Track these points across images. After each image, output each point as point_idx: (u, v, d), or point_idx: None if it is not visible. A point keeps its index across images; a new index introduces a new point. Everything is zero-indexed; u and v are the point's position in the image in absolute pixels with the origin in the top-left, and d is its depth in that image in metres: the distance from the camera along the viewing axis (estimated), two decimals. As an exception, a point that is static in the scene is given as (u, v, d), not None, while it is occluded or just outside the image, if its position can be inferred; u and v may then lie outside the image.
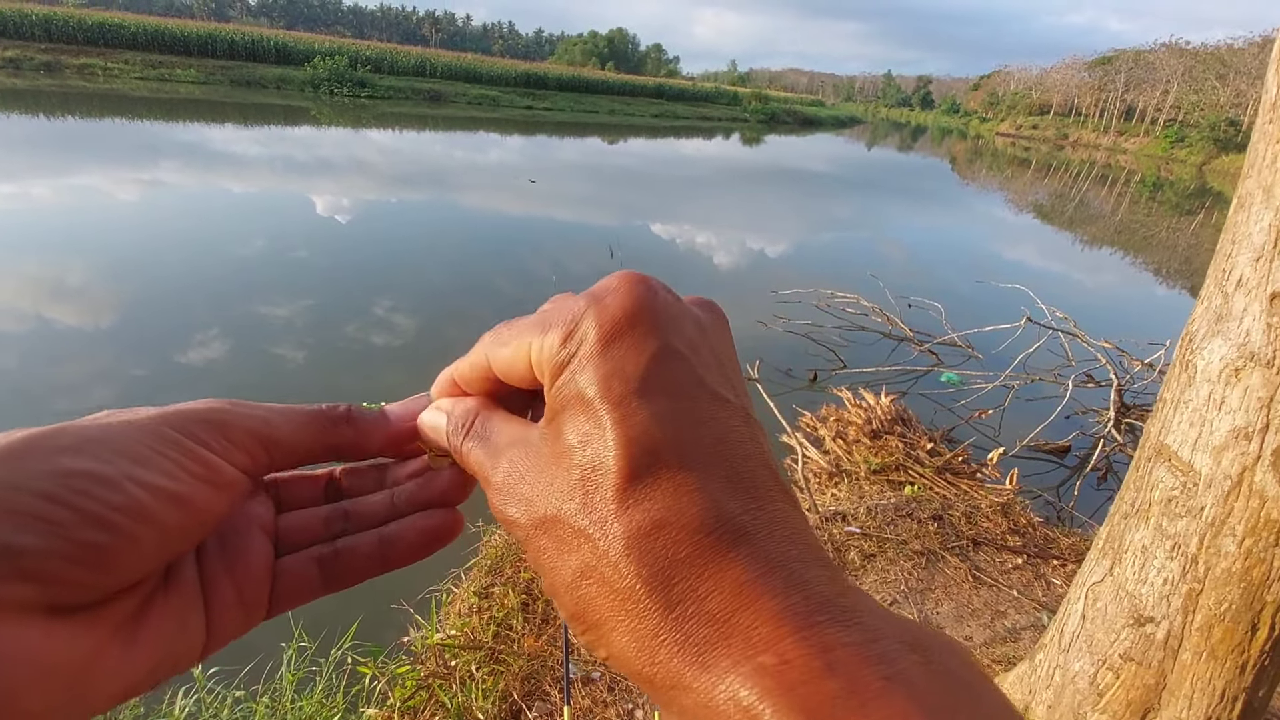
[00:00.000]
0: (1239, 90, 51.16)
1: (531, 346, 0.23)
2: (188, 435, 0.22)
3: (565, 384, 0.22)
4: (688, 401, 0.21)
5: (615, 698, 1.83)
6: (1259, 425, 1.04)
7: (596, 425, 0.21)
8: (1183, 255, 13.40)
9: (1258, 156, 1.08)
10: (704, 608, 0.19)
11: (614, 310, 0.22)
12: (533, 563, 0.22)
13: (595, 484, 0.20)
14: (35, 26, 26.46)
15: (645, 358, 0.21)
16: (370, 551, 0.28)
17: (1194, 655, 1.17)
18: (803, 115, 55.15)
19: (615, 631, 0.20)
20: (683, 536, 0.19)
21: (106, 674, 0.20)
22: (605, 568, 0.20)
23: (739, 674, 0.17)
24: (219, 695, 1.77)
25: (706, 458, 0.21)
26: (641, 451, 0.20)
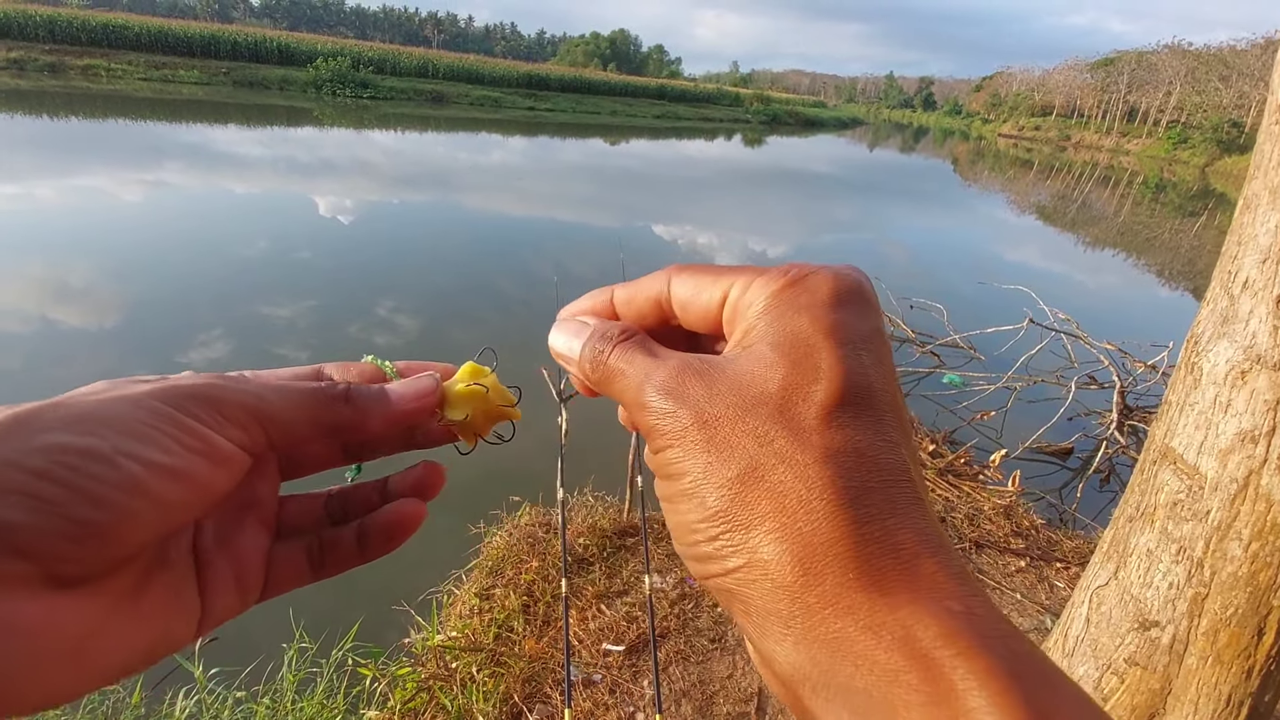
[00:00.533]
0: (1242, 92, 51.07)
1: (736, 286, 0.24)
2: (181, 410, 0.22)
3: (785, 319, 0.22)
4: (890, 375, 0.23)
5: (616, 700, 1.83)
6: (1266, 428, 1.03)
7: (816, 354, 0.21)
8: (1186, 257, 13.36)
9: (1264, 158, 1.07)
10: (890, 538, 0.19)
11: (850, 281, 0.24)
12: (674, 459, 0.22)
13: (802, 398, 0.21)
14: (39, 27, 26.55)
15: (868, 325, 0.23)
16: (349, 543, 0.29)
17: (1199, 660, 1.16)
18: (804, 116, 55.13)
19: (774, 534, 0.19)
20: (877, 470, 0.20)
21: (109, 645, 0.20)
22: (791, 469, 0.20)
23: (923, 608, 0.17)
24: (220, 696, 1.77)
25: (898, 424, 0.22)
26: (856, 389, 0.21)
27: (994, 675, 0.16)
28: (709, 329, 0.25)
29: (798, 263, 0.24)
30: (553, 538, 2.43)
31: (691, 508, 0.21)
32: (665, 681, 1.91)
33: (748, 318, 0.23)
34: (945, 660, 0.16)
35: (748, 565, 0.20)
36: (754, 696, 1.89)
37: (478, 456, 0.32)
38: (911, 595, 0.18)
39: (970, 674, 0.16)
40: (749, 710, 1.85)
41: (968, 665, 0.16)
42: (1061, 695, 0.16)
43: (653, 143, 27.73)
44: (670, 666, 1.96)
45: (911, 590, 0.18)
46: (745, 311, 0.23)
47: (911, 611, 0.17)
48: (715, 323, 0.25)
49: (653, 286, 0.26)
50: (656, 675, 1.50)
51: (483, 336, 5.16)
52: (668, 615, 2.15)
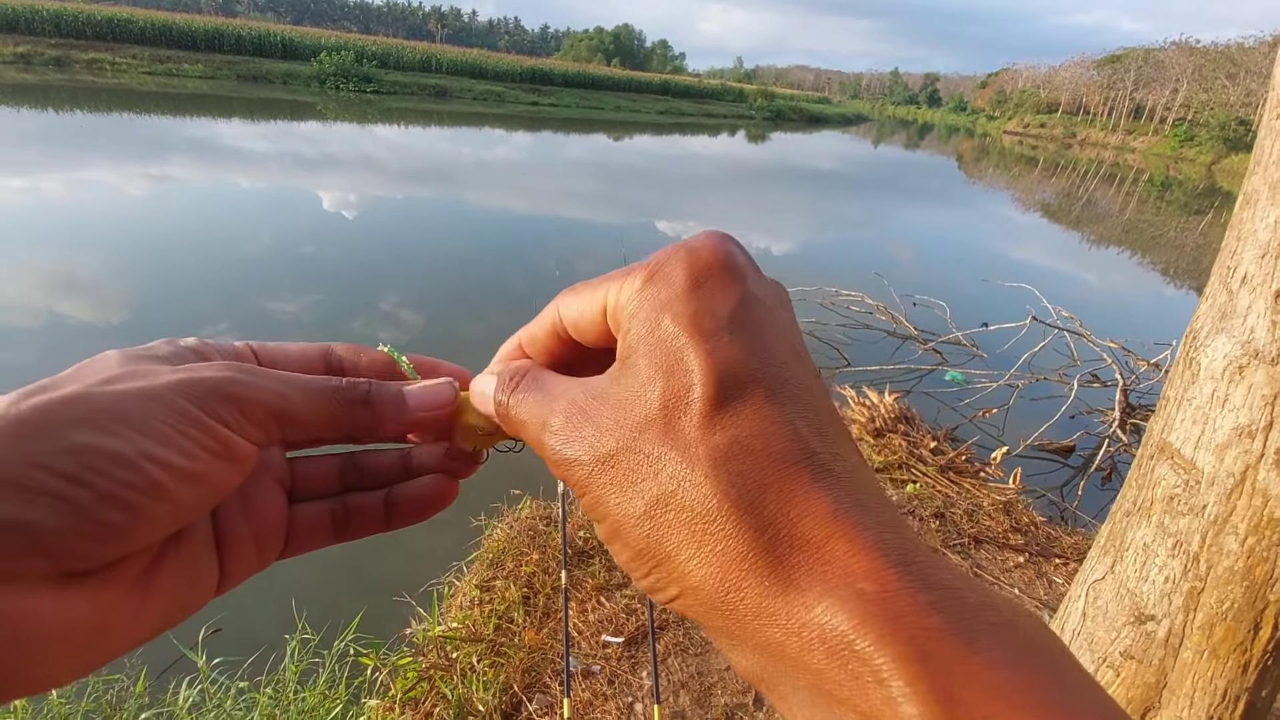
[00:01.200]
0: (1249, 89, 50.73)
1: (610, 292, 0.24)
2: (204, 409, 0.22)
3: (650, 321, 0.22)
4: (772, 344, 0.22)
5: (615, 691, 1.84)
6: (1262, 423, 1.03)
7: (683, 355, 0.21)
8: (1191, 255, 13.30)
9: (1264, 153, 1.07)
10: (795, 531, 0.18)
11: (705, 255, 0.22)
12: (592, 504, 0.22)
13: (680, 409, 0.20)
14: (45, 22, 26.58)
15: (734, 300, 0.22)
16: (376, 510, 0.29)
17: (1195, 654, 1.16)
18: (809, 113, 54.93)
19: (693, 560, 0.19)
20: (770, 462, 0.19)
21: (120, 630, 0.21)
22: (687, 491, 0.19)
23: (836, 599, 0.17)
24: (223, 686, 1.78)
25: (791, 397, 0.21)
26: (731, 379, 0.20)
27: (905, 661, 0.16)
28: (606, 342, 0.25)
29: (662, 250, 0.23)
30: (553, 530, 2.44)
31: (621, 548, 0.21)
32: (664, 673, 1.92)
33: (623, 325, 0.23)
34: (861, 652, 0.16)
35: (682, 593, 0.20)
36: (752, 688, 1.90)
37: None
38: (825, 586, 0.17)
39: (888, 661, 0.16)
40: (746, 701, 1.86)
41: (884, 653, 0.16)
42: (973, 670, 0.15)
43: (656, 139, 27.68)
44: (669, 658, 1.98)
45: (824, 581, 0.17)
46: (620, 318, 0.23)
47: (827, 605, 0.17)
48: (607, 335, 0.24)
49: (547, 317, 0.26)
50: (655, 666, 1.51)
51: (487, 332, 5.17)
52: (666, 608, 2.16)
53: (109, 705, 1.71)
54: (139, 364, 0.23)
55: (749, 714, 1.83)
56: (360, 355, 0.30)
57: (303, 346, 0.29)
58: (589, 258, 7.81)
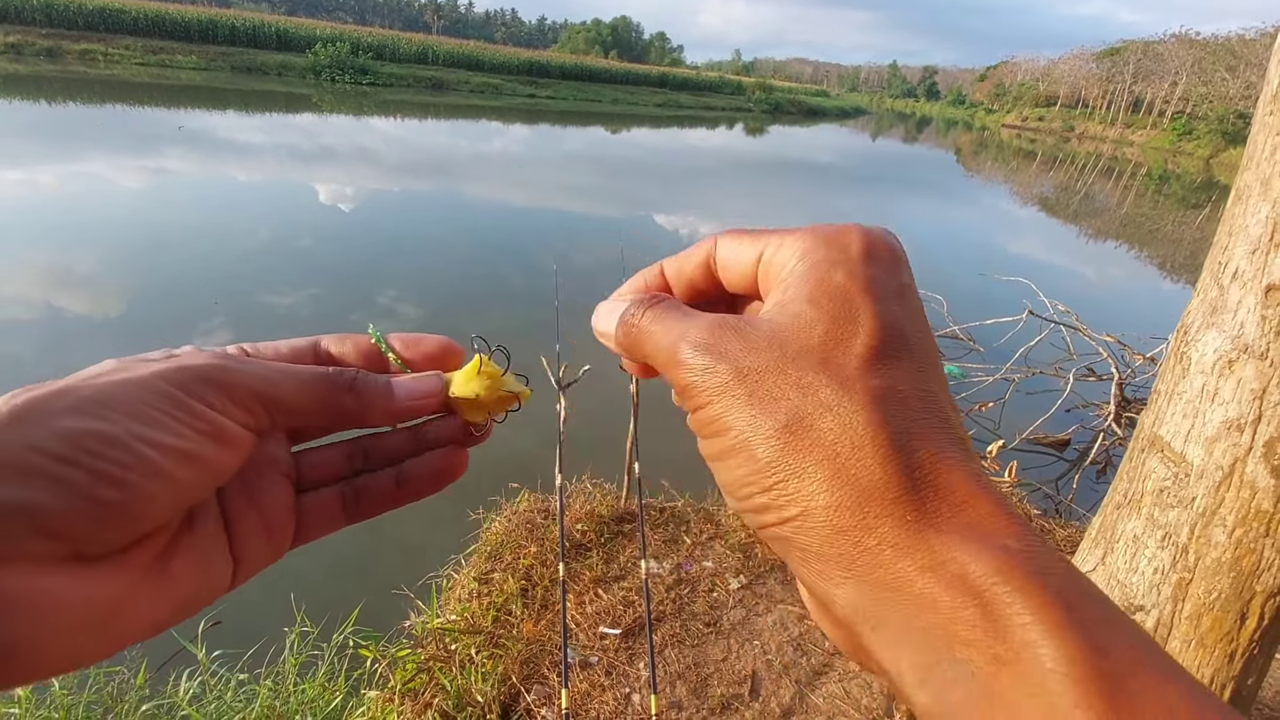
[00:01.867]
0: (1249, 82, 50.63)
1: (770, 245, 0.25)
2: (189, 393, 0.23)
3: (822, 273, 0.23)
4: (924, 327, 0.23)
5: (612, 682, 1.86)
6: (1251, 417, 1.05)
7: (853, 306, 0.22)
8: (1188, 249, 13.32)
9: (1257, 149, 1.08)
10: (941, 479, 0.19)
11: (880, 238, 0.24)
12: (714, 416, 0.22)
13: (843, 348, 0.21)
14: (36, 11, 26.30)
15: (898, 281, 0.23)
16: (387, 488, 0.29)
17: (1183, 643, 1.18)
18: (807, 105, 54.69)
19: (829, 482, 0.19)
20: (920, 416, 0.20)
21: (136, 613, 0.21)
22: (839, 416, 0.20)
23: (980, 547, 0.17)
24: (222, 678, 1.80)
25: (935, 371, 0.22)
26: (894, 338, 0.22)
27: (1051, 609, 0.16)
28: (746, 289, 0.26)
29: (826, 225, 0.24)
30: (551, 523, 2.46)
31: (740, 462, 0.21)
32: (660, 664, 1.94)
33: (782, 276, 0.24)
34: (1002, 596, 0.16)
35: (804, 513, 0.20)
36: (748, 679, 1.92)
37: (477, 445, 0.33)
38: (967, 535, 0.18)
39: (1027, 609, 0.16)
40: (743, 692, 1.88)
41: (1025, 601, 0.16)
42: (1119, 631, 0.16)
43: (654, 131, 27.56)
44: (666, 649, 2.00)
45: (967, 530, 0.18)
46: (780, 271, 0.24)
47: (968, 550, 0.17)
48: (752, 282, 0.25)
49: (700, 252, 0.27)
50: (652, 657, 1.53)
51: (485, 325, 5.17)
52: (663, 600, 2.18)
53: (110, 697, 1.72)
54: (130, 362, 0.24)
55: (745, 704, 1.85)
56: (347, 343, 0.30)
57: (292, 341, 0.30)
58: (587, 251, 7.80)
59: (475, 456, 0.32)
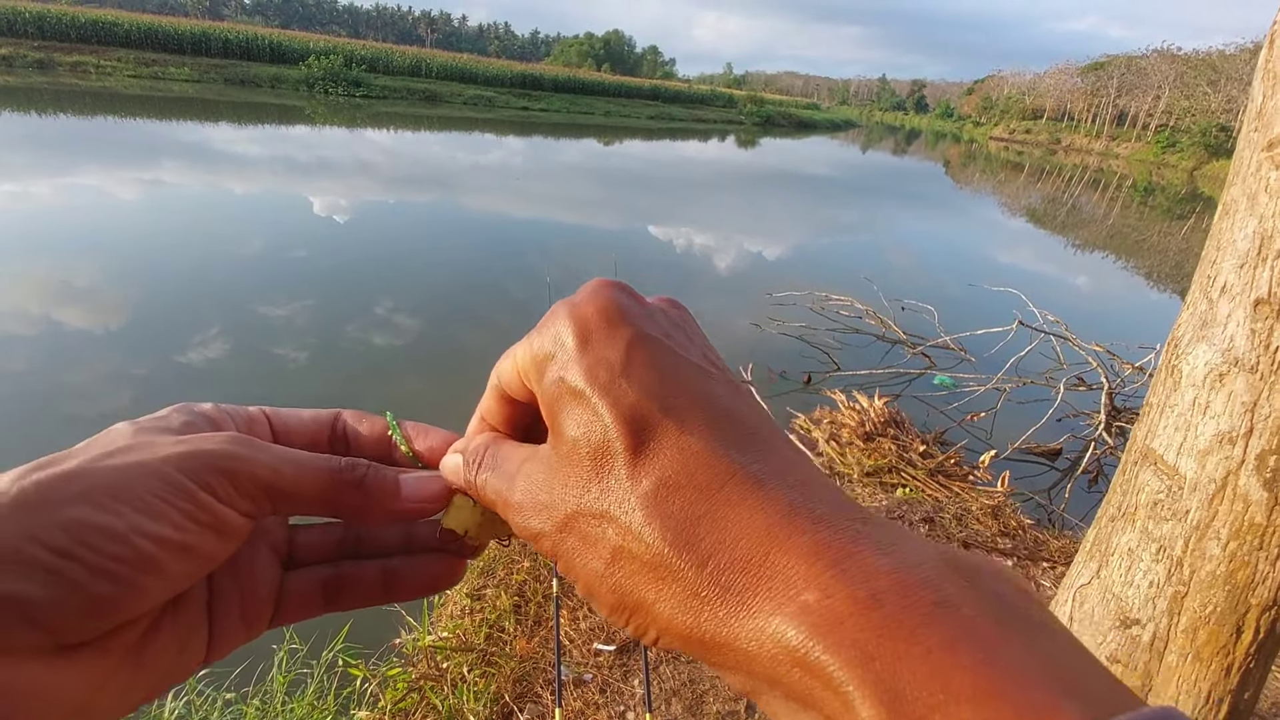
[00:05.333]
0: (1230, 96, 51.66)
1: (517, 355, 0.25)
2: (198, 483, 0.22)
3: (555, 385, 0.23)
4: (671, 374, 0.22)
5: (607, 700, 1.83)
6: (1243, 430, 1.05)
7: (592, 412, 0.21)
8: (1174, 260, 13.50)
9: (1242, 164, 1.09)
10: (735, 555, 0.19)
11: (586, 311, 0.23)
12: (565, 569, 0.22)
13: (606, 466, 0.21)
14: (28, 24, 26.30)
15: (623, 345, 0.22)
16: (373, 582, 0.28)
17: (1179, 657, 1.18)
18: (798, 118, 55.33)
19: (657, 604, 0.20)
20: (697, 494, 0.20)
21: (110, 699, 0.21)
22: (632, 543, 0.20)
23: (783, 615, 0.17)
24: (209, 698, 1.76)
25: (702, 419, 0.21)
26: (639, 423, 0.21)
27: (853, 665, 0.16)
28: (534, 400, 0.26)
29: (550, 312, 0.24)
30: (544, 538, 2.43)
31: (598, 605, 0.22)
32: (655, 681, 1.92)
33: (535, 389, 0.24)
34: (821, 660, 0.16)
35: (661, 633, 0.20)
36: (744, 697, 1.90)
37: None
38: (772, 604, 0.18)
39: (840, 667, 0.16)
40: (739, 709, 1.86)
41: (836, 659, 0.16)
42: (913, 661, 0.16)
43: (647, 143, 27.76)
44: (660, 666, 1.97)
45: (769, 597, 0.18)
46: (531, 383, 0.24)
47: (779, 622, 0.17)
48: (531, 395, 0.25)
49: (490, 384, 0.27)
50: (647, 674, 1.51)
51: (481, 340, 5.16)
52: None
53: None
54: (146, 436, 0.24)
55: (741, 721, 1.83)
56: (364, 423, 0.30)
57: (315, 413, 0.30)
58: (582, 263, 7.81)
59: None
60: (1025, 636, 0.16)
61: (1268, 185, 1.02)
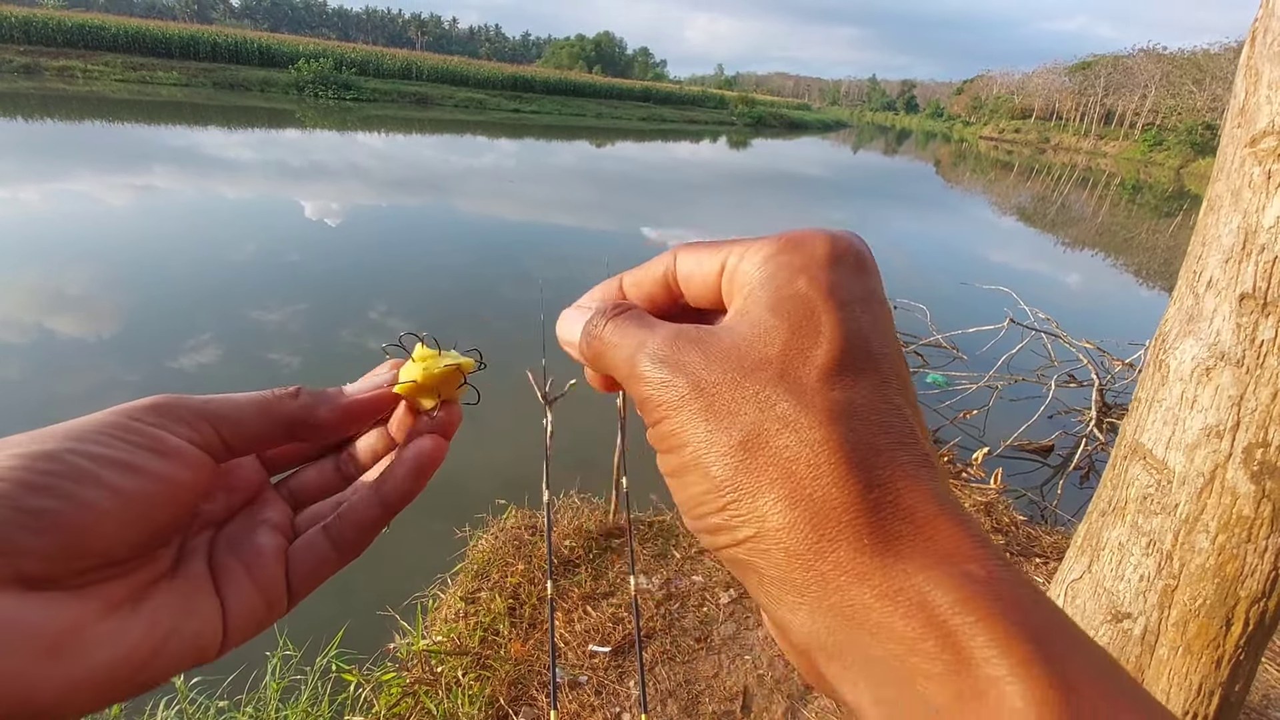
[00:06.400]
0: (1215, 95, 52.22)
1: (732, 254, 0.24)
2: (130, 416, 0.23)
3: (784, 280, 0.22)
4: (890, 336, 0.22)
5: (602, 701, 1.83)
6: (1230, 423, 1.06)
7: (815, 314, 0.21)
8: (1162, 256, 13.62)
9: (1226, 160, 1.10)
10: (901, 500, 0.18)
11: (845, 241, 0.23)
12: (671, 431, 0.21)
13: (802, 359, 0.20)
14: (13, 28, 26.04)
15: (865, 286, 0.22)
16: (367, 500, 0.28)
17: (1170, 650, 1.19)
18: (789, 119, 55.49)
19: (784, 502, 0.18)
20: (882, 432, 0.19)
21: (97, 641, 0.20)
22: (796, 432, 0.19)
23: (941, 572, 0.17)
24: (201, 706, 1.75)
25: (900, 385, 0.21)
26: (857, 348, 0.21)
27: (1015, 641, 0.15)
28: (711, 303, 0.25)
29: (795, 230, 0.23)
30: (538, 540, 2.43)
31: (696, 479, 0.20)
32: (651, 682, 1.92)
33: (745, 284, 0.23)
34: (964, 627, 0.16)
35: (758, 535, 0.19)
36: (739, 695, 1.90)
37: (465, 459, 0.32)
38: (928, 560, 0.17)
39: (990, 642, 0.15)
40: (734, 709, 1.86)
41: (988, 633, 0.15)
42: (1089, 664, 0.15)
43: (639, 145, 27.78)
44: (656, 667, 1.97)
45: (928, 555, 0.17)
46: (742, 279, 0.23)
47: (929, 577, 0.17)
48: (716, 294, 0.24)
49: (659, 266, 0.26)
50: (642, 676, 1.51)
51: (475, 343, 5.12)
52: (653, 616, 2.15)
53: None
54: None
55: (737, 720, 1.83)
56: None
57: None
58: (573, 265, 7.80)
59: (462, 471, 0.31)
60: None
61: (1251, 181, 1.03)
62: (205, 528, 0.27)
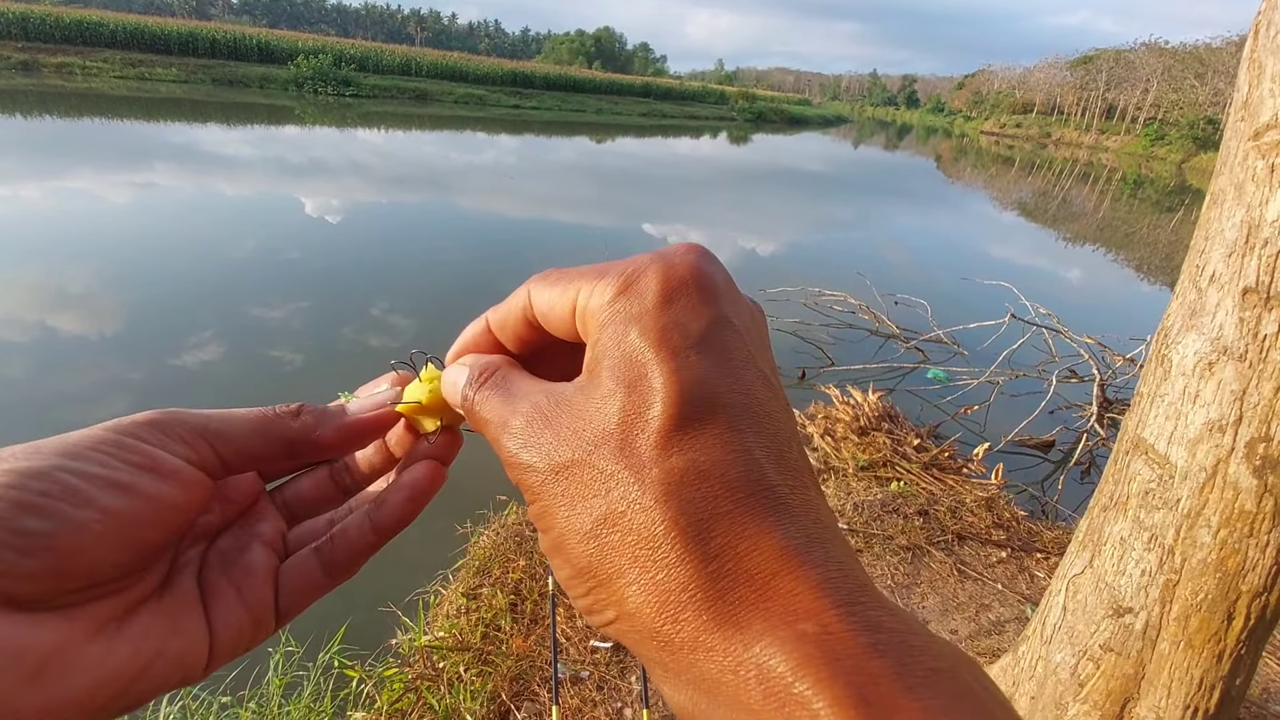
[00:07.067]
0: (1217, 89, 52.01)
1: (581, 292, 0.23)
2: (125, 434, 0.23)
3: (618, 333, 0.21)
4: (740, 369, 0.21)
5: (604, 697, 1.83)
6: (1232, 418, 1.06)
7: (648, 371, 0.20)
8: (1164, 251, 13.59)
9: (1230, 154, 1.10)
10: (742, 565, 0.18)
11: (681, 270, 0.22)
12: (540, 513, 0.21)
13: (639, 427, 0.20)
14: (11, 25, 25.99)
15: (705, 320, 0.21)
16: (360, 525, 0.28)
17: (1172, 645, 1.19)
18: (790, 114, 55.34)
19: (634, 585, 0.19)
20: (725, 491, 0.19)
21: (82, 663, 0.20)
22: (636, 513, 0.19)
23: (775, 639, 0.17)
24: (204, 702, 1.75)
25: (753, 424, 0.20)
26: (695, 400, 0.20)
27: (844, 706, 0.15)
28: (573, 337, 0.24)
29: (636, 259, 0.22)
30: (540, 536, 2.43)
31: (562, 564, 0.21)
32: (653, 677, 1.92)
33: (592, 334, 0.22)
34: (803, 695, 0.16)
35: (619, 617, 0.19)
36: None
37: (466, 456, 0.32)
38: (765, 624, 0.17)
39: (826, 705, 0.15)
40: (736, 704, 1.87)
41: (823, 696, 0.15)
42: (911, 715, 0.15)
43: (639, 140, 27.72)
44: (658, 662, 1.97)
45: (765, 618, 0.17)
46: (590, 325, 0.22)
47: (767, 644, 0.17)
48: (574, 332, 0.24)
49: (517, 302, 0.26)
50: (644, 671, 1.51)
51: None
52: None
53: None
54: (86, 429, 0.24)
55: (738, 715, 1.83)
56: None
57: None
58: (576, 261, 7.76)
59: (462, 468, 0.31)
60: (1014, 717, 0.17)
61: (1254, 174, 1.02)
62: (198, 540, 0.26)
